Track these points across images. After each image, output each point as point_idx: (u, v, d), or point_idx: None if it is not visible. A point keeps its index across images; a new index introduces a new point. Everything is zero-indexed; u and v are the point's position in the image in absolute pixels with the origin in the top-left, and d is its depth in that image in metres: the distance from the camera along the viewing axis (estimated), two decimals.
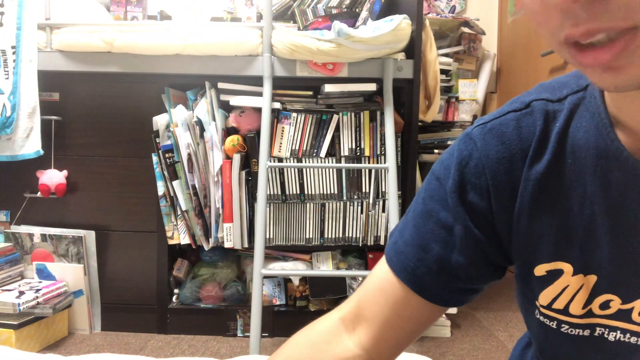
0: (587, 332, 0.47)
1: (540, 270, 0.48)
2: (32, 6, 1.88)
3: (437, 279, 0.53)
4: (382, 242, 1.97)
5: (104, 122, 1.99)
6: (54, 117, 1.96)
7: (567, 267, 0.47)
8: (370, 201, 1.95)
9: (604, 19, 0.31)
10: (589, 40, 0.32)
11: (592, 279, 0.46)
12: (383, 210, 1.96)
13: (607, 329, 0.46)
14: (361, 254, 2.12)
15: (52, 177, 1.95)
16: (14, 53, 1.87)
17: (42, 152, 1.92)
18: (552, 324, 0.48)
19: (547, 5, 0.33)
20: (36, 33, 1.90)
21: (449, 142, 2.67)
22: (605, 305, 0.45)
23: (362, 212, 1.96)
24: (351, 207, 1.96)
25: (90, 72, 1.93)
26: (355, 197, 1.95)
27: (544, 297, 0.48)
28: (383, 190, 1.94)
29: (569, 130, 0.47)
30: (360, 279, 2.08)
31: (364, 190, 1.94)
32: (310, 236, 1.98)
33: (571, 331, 0.47)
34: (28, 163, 1.91)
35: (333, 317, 0.58)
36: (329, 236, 1.98)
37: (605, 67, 0.33)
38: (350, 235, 1.98)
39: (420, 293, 0.53)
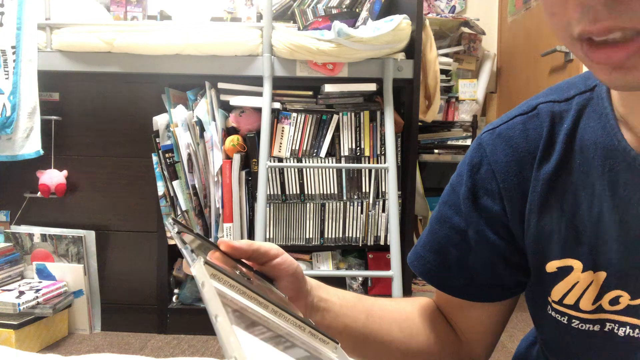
0: (597, 328, 0.47)
1: (551, 267, 0.49)
2: (32, 6, 1.88)
3: (457, 278, 0.57)
4: (382, 242, 1.97)
5: (104, 122, 1.99)
6: (54, 117, 1.96)
7: (576, 264, 0.48)
8: (370, 201, 1.94)
9: (624, 17, 0.31)
10: (604, 37, 0.32)
11: (602, 275, 0.46)
12: (383, 210, 1.96)
13: (617, 325, 0.46)
14: (361, 254, 2.12)
15: (52, 177, 1.95)
16: (14, 53, 1.87)
17: (42, 152, 1.91)
18: (563, 319, 0.49)
19: None
20: (36, 33, 1.89)
21: (449, 142, 2.67)
22: (614, 301, 0.46)
23: (362, 212, 1.96)
24: (351, 207, 1.96)
25: (90, 72, 1.93)
26: (355, 197, 1.95)
27: (556, 293, 0.49)
28: (383, 190, 1.94)
29: (577, 130, 0.48)
30: (360, 279, 2.09)
31: (364, 190, 1.94)
32: (310, 236, 1.98)
33: (582, 326, 0.48)
34: (28, 163, 1.91)
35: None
36: (329, 236, 1.98)
37: (615, 66, 0.33)
38: (350, 235, 1.98)
39: (445, 291, 0.59)
